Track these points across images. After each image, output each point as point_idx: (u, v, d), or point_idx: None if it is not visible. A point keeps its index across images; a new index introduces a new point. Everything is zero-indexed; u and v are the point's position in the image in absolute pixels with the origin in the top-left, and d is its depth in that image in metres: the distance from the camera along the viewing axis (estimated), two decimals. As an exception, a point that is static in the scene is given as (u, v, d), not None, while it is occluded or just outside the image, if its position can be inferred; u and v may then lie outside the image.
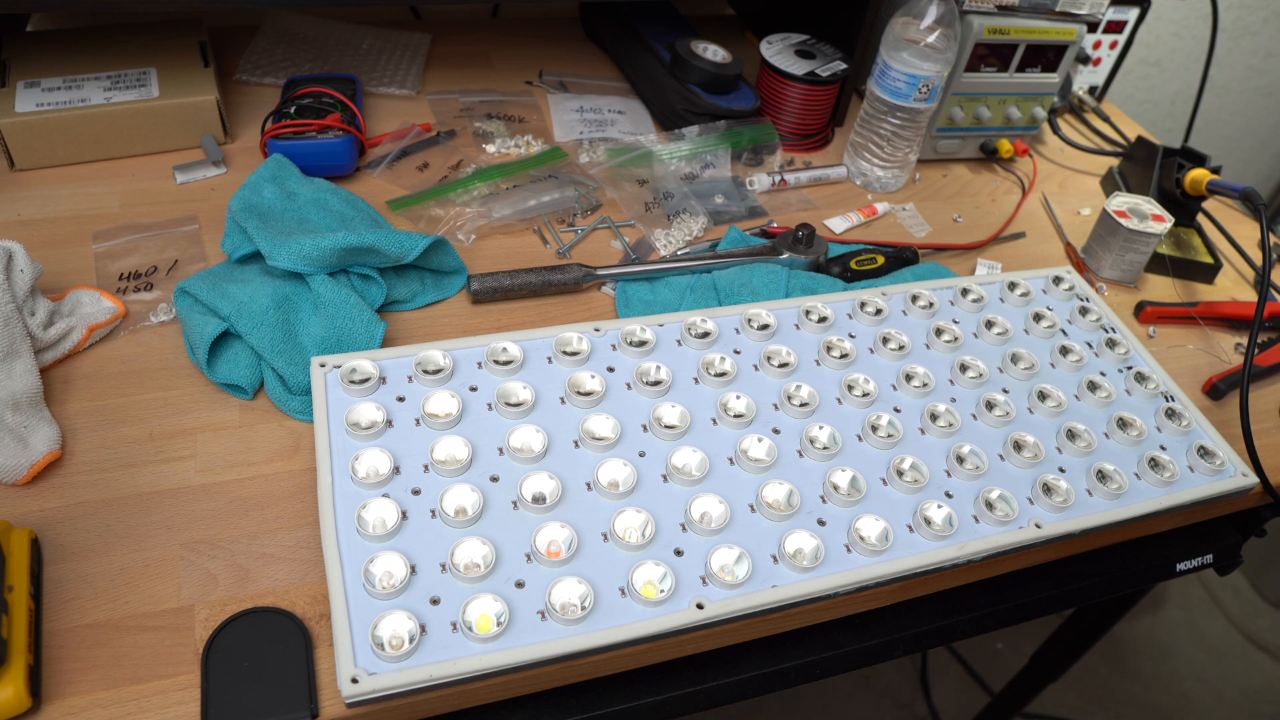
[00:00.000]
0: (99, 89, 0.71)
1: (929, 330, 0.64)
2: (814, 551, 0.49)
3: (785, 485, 0.52)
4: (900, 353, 0.62)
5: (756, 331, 0.61)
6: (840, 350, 0.61)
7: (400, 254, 0.61)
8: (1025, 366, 0.62)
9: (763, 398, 0.57)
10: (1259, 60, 1.62)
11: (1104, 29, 0.97)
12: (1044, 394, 0.60)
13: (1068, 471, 0.56)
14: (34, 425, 0.51)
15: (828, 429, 0.55)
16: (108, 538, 0.48)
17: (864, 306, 0.63)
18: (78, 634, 0.44)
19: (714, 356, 0.58)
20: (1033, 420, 0.59)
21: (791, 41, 0.88)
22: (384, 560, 0.45)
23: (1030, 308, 0.68)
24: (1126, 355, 0.65)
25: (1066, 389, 0.62)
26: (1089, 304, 0.69)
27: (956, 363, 0.61)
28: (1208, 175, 0.79)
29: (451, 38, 0.95)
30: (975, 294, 0.67)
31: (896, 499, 0.53)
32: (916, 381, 0.59)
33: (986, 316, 0.65)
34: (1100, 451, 0.58)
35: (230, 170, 0.74)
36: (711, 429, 0.55)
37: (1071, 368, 0.64)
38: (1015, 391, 0.61)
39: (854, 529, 0.51)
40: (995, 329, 0.64)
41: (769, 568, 0.48)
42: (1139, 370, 0.64)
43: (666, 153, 0.81)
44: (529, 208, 0.73)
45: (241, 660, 0.43)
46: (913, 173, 0.88)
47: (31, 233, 0.65)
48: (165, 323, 0.60)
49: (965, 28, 0.79)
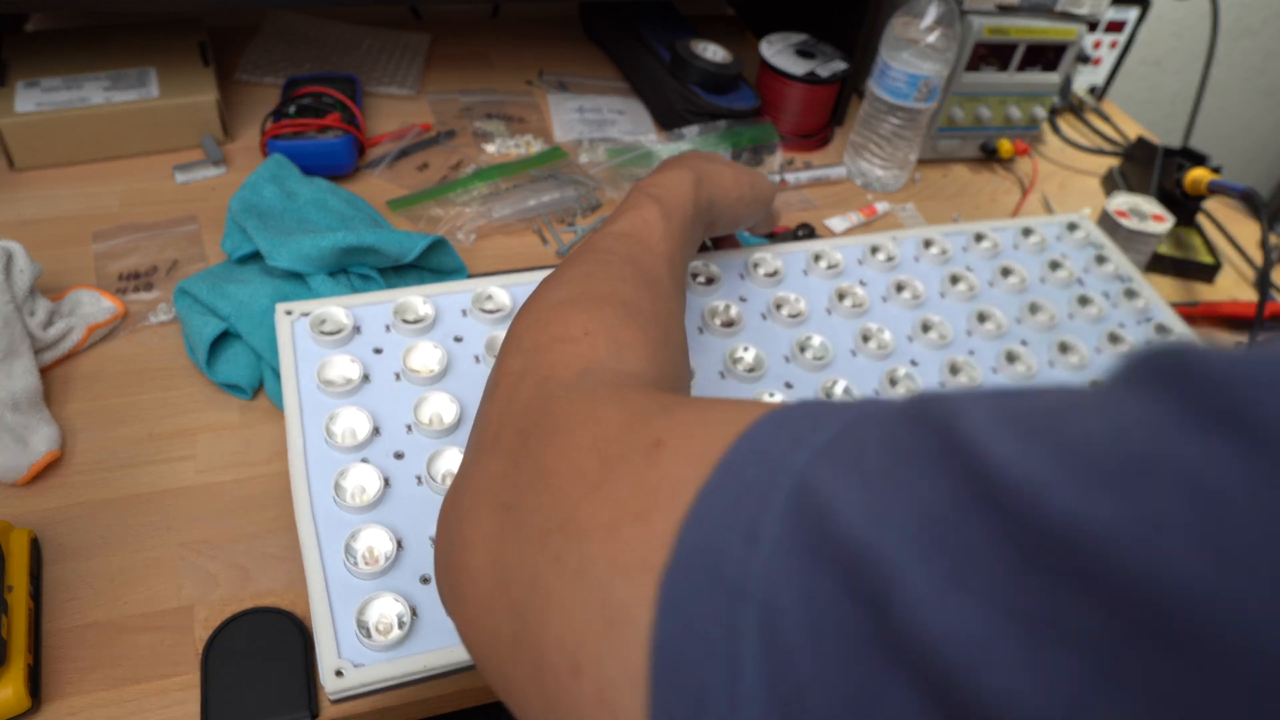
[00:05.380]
0: (99, 89, 0.71)
1: (943, 278, 0.61)
2: None
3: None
4: (915, 302, 0.59)
5: (763, 278, 0.58)
6: (853, 299, 0.58)
7: (400, 254, 0.61)
8: (1045, 317, 0.60)
9: (773, 349, 0.54)
10: (1259, 60, 1.62)
11: (1104, 29, 0.97)
12: (1066, 346, 0.58)
13: None
14: (34, 425, 0.51)
15: (843, 383, 0.52)
16: (107, 538, 0.48)
17: (875, 252, 0.61)
18: (78, 634, 0.44)
19: (719, 303, 0.55)
20: (1055, 375, 0.57)
21: (791, 41, 0.87)
22: (367, 535, 0.42)
23: (1045, 255, 0.65)
24: (1146, 308, 0.63)
25: (1088, 342, 0.59)
26: (1105, 252, 0.66)
27: (974, 313, 0.59)
28: (1208, 175, 0.79)
29: (451, 38, 0.95)
30: (989, 240, 0.64)
31: None
32: (934, 333, 0.57)
33: (1002, 264, 0.62)
34: None
35: (230, 170, 0.74)
36: (719, 382, 0.51)
37: (1091, 319, 0.61)
38: (1035, 344, 0.58)
39: None
40: (1012, 277, 0.62)
41: None
42: (1159, 322, 0.62)
43: (666, 153, 0.80)
44: (529, 208, 0.73)
45: (241, 660, 0.43)
46: (913, 173, 0.88)
47: (31, 233, 0.65)
48: (165, 323, 0.60)
49: (965, 28, 0.79)
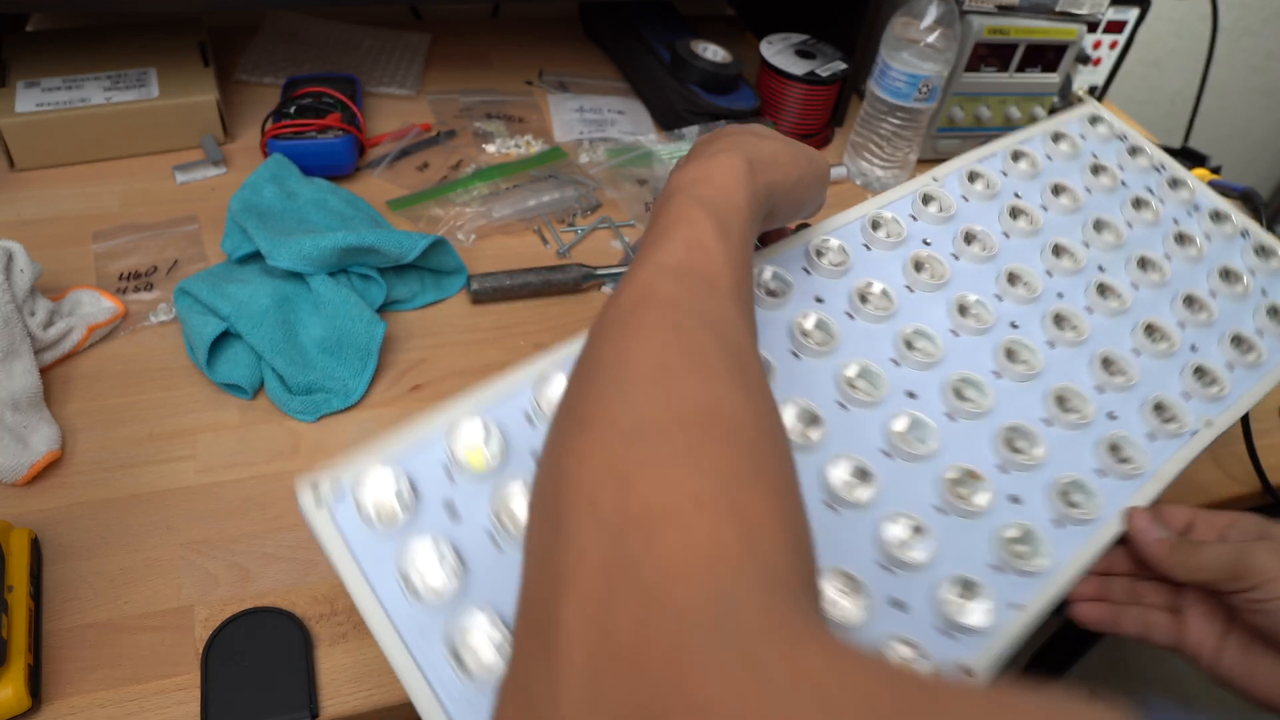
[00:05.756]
0: (99, 89, 0.71)
1: (1001, 215, 0.56)
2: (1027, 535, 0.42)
3: (958, 466, 0.42)
4: (988, 254, 0.53)
5: (831, 268, 0.50)
6: (932, 270, 0.51)
7: (400, 254, 0.61)
8: (1111, 237, 0.56)
9: (878, 355, 0.47)
10: (1259, 60, 1.61)
11: (1104, 29, 0.97)
12: (1145, 262, 0.54)
13: (1200, 349, 0.50)
14: (34, 425, 0.51)
15: (960, 373, 0.46)
16: (108, 538, 0.48)
17: (927, 203, 0.55)
18: (78, 634, 0.44)
19: (802, 318, 0.48)
20: (1144, 297, 0.53)
21: (791, 41, 0.87)
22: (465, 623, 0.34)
23: (1082, 161, 0.61)
24: (1192, 197, 0.59)
25: (1157, 250, 0.55)
26: (1133, 141, 0.62)
27: (1047, 248, 0.54)
28: (1208, 175, 0.79)
29: (451, 38, 0.95)
30: (1027, 158, 0.59)
31: (1071, 440, 0.44)
32: (1021, 286, 0.51)
33: (1051, 182, 0.58)
34: (1222, 318, 0.52)
35: (230, 170, 0.73)
36: (842, 415, 0.44)
37: (1149, 224, 0.57)
38: (1113, 268, 0.54)
39: (1055, 496, 0.43)
40: (1064, 197, 0.57)
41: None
42: (1214, 209, 0.58)
43: (666, 153, 0.80)
44: (529, 208, 0.73)
45: (241, 660, 0.43)
46: (913, 173, 0.88)
47: (31, 233, 0.65)
48: (165, 323, 0.60)
49: (965, 28, 0.79)
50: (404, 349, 0.61)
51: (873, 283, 0.50)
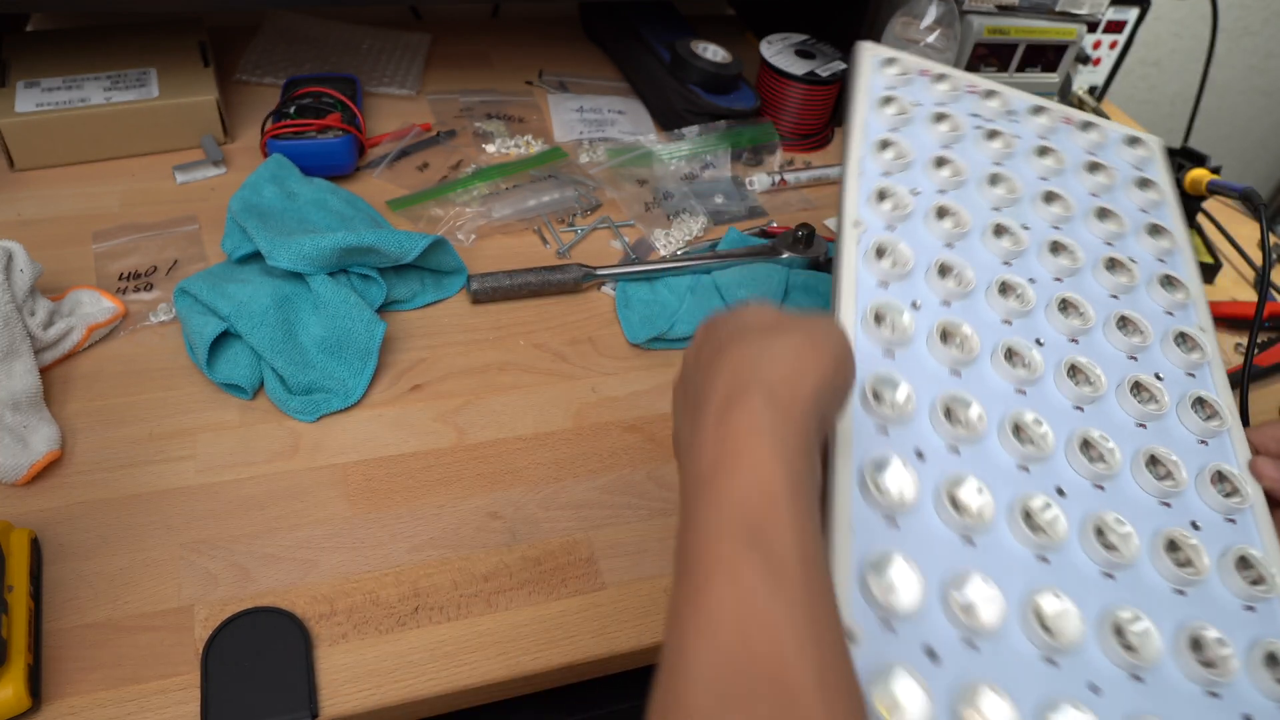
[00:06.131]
0: (99, 89, 0.71)
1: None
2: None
3: None
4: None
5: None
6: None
7: (400, 254, 0.61)
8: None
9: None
10: (1259, 60, 1.61)
11: (1104, 29, 0.97)
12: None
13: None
14: (34, 425, 0.51)
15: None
16: (108, 538, 0.48)
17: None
18: (78, 634, 0.44)
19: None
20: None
21: (791, 41, 0.88)
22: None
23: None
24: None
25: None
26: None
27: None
28: (1207, 175, 0.79)
29: (451, 38, 0.95)
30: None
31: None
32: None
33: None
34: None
35: (230, 170, 0.74)
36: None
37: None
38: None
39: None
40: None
41: None
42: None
43: (666, 153, 0.81)
44: (529, 208, 0.73)
45: (241, 660, 0.43)
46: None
47: (31, 233, 0.65)
48: (165, 323, 0.60)
49: (965, 28, 0.79)
50: (404, 349, 0.61)
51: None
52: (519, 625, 0.47)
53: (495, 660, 0.46)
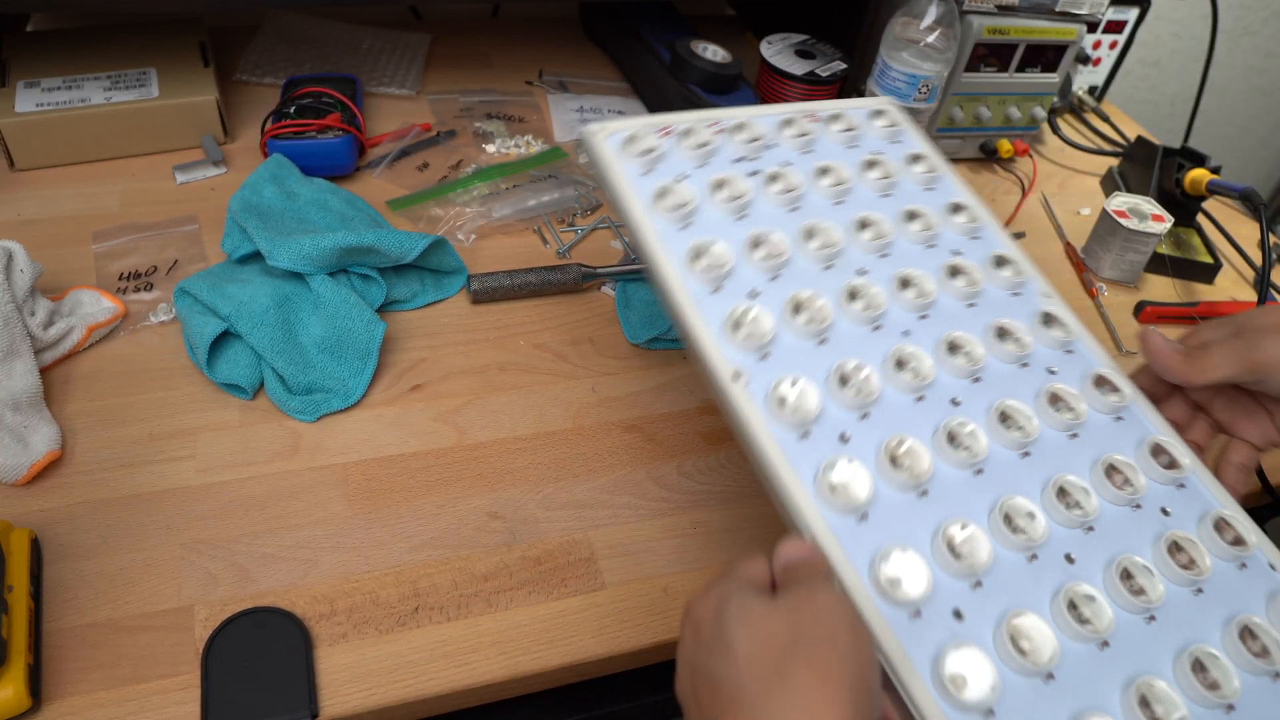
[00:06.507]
0: (99, 89, 0.71)
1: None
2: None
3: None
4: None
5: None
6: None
7: (400, 254, 0.61)
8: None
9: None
10: (1259, 60, 1.61)
11: (1104, 29, 0.97)
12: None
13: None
14: (34, 425, 0.51)
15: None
16: (108, 538, 0.48)
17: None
18: (78, 634, 0.44)
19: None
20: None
21: (791, 41, 0.88)
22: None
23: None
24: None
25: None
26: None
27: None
28: (1207, 175, 0.79)
29: (451, 38, 0.95)
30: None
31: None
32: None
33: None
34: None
35: (230, 170, 0.74)
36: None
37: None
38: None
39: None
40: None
41: None
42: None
43: (666, 153, 0.80)
44: (529, 208, 0.73)
45: (241, 660, 0.43)
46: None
47: (31, 233, 0.65)
48: (165, 323, 0.60)
49: (965, 28, 0.79)
50: (404, 349, 0.61)
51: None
52: (519, 625, 0.47)
53: (495, 660, 0.46)
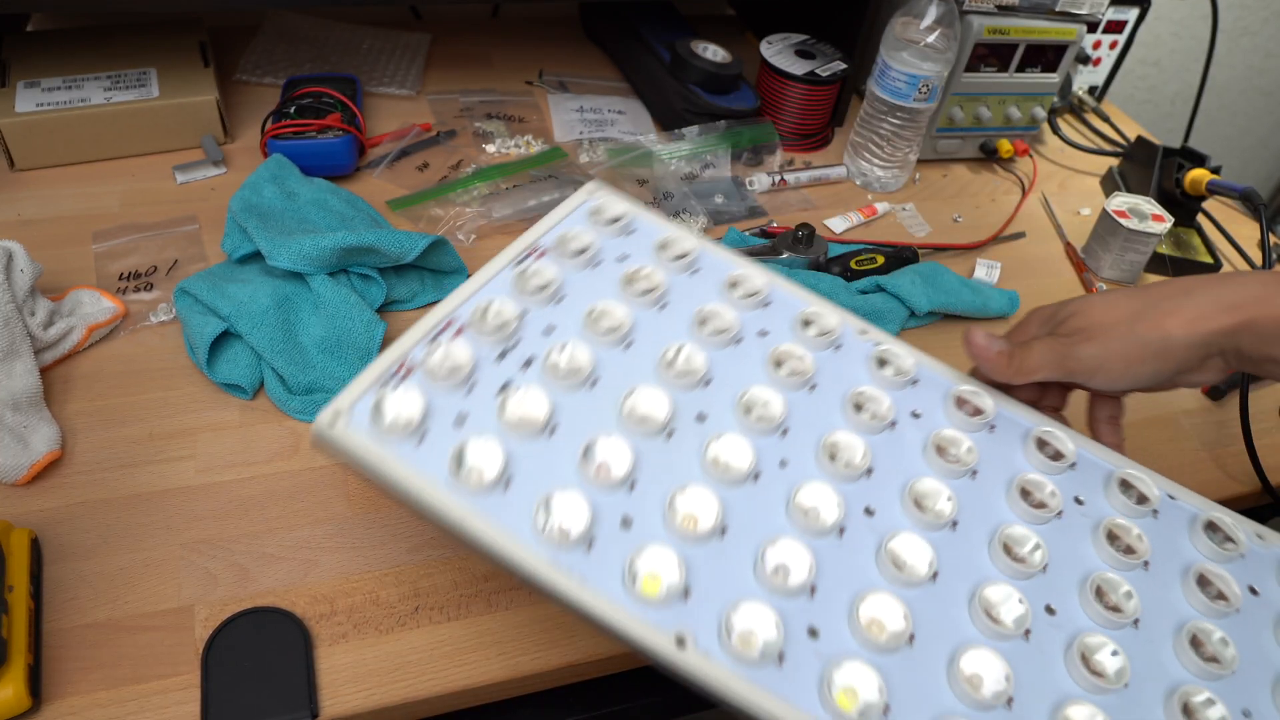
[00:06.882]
0: (99, 89, 0.71)
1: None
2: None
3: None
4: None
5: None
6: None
7: (400, 254, 0.61)
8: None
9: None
10: (1259, 60, 1.61)
11: (1104, 29, 0.97)
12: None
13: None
14: (34, 425, 0.51)
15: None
16: (108, 538, 0.48)
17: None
18: (78, 634, 0.44)
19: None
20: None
21: (791, 41, 0.88)
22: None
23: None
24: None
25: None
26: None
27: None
28: (1208, 175, 0.79)
29: (451, 38, 0.95)
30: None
31: None
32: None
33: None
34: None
35: (230, 170, 0.74)
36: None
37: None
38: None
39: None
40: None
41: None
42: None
43: (666, 153, 0.81)
44: (529, 208, 0.73)
45: (241, 660, 0.43)
46: (913, 173, 0.88)
47: (31, 233, 0.65)
48: (165, 323, 0.60)
49: (965, 28, 0.79)
50: (404, 349, 0.61)
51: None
52: (519, 625, 0.47)
53: (495, 660, 0.46)
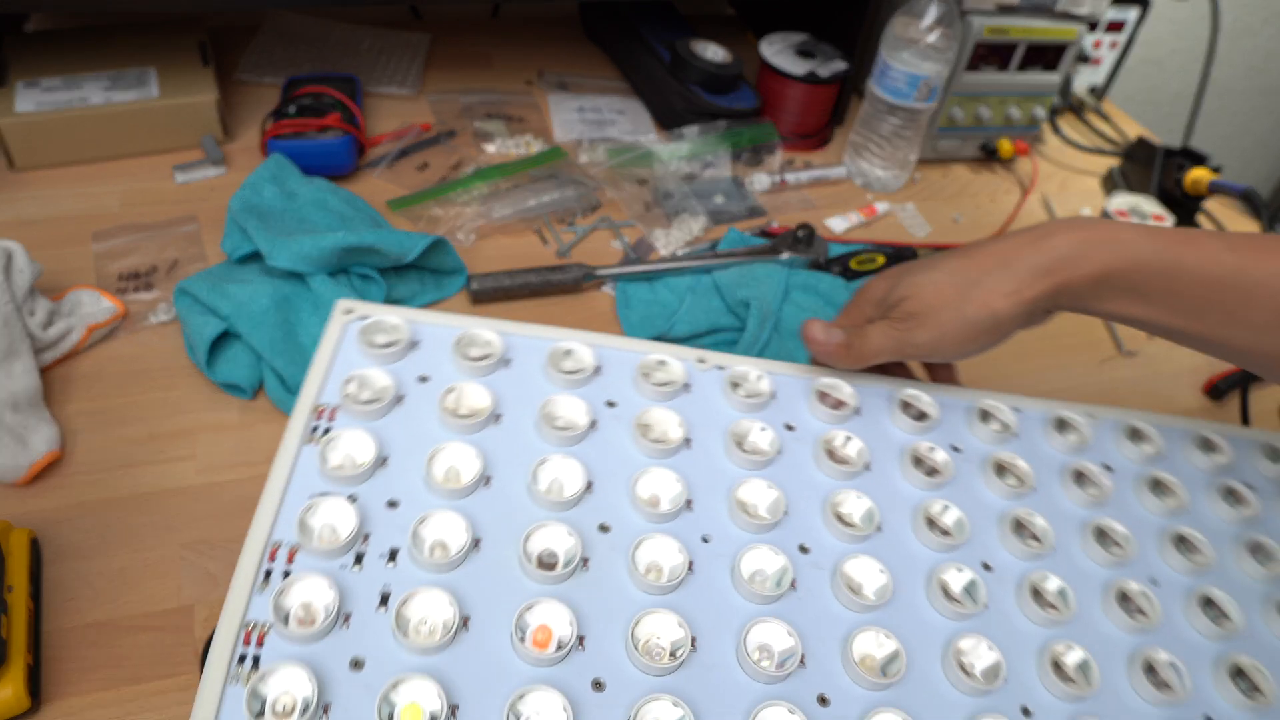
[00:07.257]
0: (99, 89, 0.71)
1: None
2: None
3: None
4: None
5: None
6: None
7: (400, 254, 0.61)
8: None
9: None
10: (1259, 60, 1.61)
11: (1104, 29, 0.97)
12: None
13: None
14: (34, 425, 0.51)
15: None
16: (108, 538, 0.48)
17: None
18: (77, 634, 0.44)
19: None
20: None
21: (791, 41, 0.88)
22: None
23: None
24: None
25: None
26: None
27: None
28: (1208, 175, 0.79)
29: (451, 38, 0.95)
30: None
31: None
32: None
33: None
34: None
35: (230, 170, 0.74)
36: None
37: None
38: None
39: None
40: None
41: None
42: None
43: (666, 153, 0.81)
44: (529, 208, 0.73)
45: (241, 660, 0.43)
46: (913, 173, 0.88)
47: (31, 233, 0.65)
48: (165, 323, 0.60)
49: (965, 27, 0.79)
50: (404, 349, 0.61)
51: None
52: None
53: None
